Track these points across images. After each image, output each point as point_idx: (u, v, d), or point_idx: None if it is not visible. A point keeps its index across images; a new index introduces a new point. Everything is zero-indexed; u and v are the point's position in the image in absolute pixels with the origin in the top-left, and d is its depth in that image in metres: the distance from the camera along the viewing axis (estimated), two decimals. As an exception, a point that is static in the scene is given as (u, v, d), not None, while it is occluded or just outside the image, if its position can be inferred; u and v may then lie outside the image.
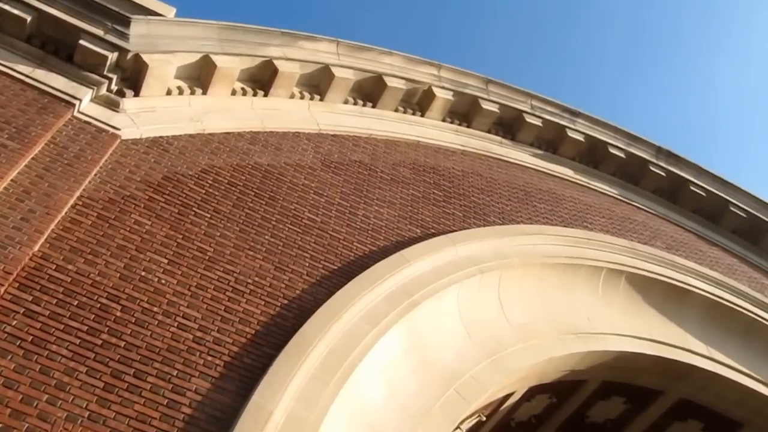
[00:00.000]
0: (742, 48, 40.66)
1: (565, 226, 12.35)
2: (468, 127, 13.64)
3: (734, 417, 12.53)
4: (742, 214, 15.96)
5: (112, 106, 9.19)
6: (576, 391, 11.81)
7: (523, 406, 11.44)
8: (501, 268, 10.34)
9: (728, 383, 12.00)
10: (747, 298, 13.45)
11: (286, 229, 9.14)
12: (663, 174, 15.52)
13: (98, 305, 7.07)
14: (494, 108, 13.69)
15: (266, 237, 8.85)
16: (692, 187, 15.75)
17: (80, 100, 8.84)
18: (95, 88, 9.06)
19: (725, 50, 40.39)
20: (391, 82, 12.30)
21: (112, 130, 8.87)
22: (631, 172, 15.40)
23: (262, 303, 8.02)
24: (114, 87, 9.37)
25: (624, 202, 14.83)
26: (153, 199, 8.46)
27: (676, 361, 11.52)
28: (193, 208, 8.66)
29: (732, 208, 15.94)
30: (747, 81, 41.36)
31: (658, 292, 12.40)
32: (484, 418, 10.47)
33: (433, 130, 13.06)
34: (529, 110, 14.19)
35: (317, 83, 11.60)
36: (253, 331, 7.68)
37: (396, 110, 12.68)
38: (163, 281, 7.63)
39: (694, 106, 42.36)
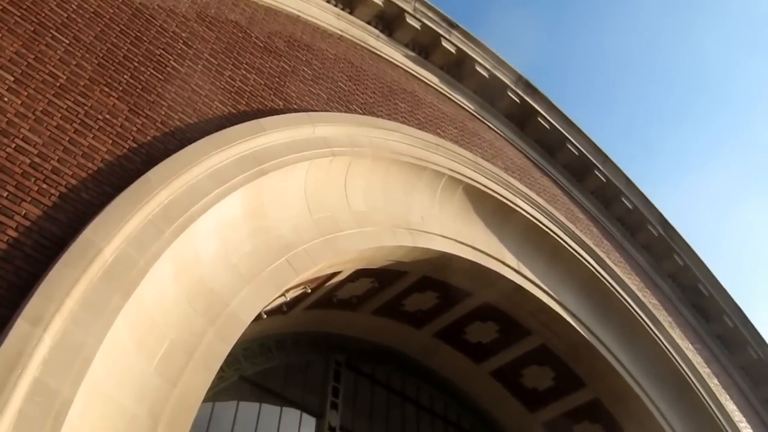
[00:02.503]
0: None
1: (420, 129, 12.54)
2: (350, 13, 13.33)
3: (526, 325, 13.59)
4: (575, 152, 16.94)
5: None
6: (397, 281, 12.33)
7: (347, 286, 11.83)
8: (352, 156, 10.40)
9: (528, 296, 12.94)
10: (561, 226, 14.45)
11: (148, 73, 8.62)
12: (517, 101, 16.06)
13: (-72, 109, 6.42)
14: (378, 1, 13.44)
15: (125, 77, 8.31)
16: (539, 119, 16.46)
17: None
18: None
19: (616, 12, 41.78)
20: (283, -51, 11.69)
21: (-30, -75, 7.82)
22: (490, 93, 15.79)
23: (110, 142, 7.61)
24: None
25: (478, 118, 15.26)
26: (7, 10, 7.64)
27: (489, 269, 12.24)
28: (51, 30, 7.93)
29: (568, 145, 16.86)
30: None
31: (488, 206, 13.02)
32: (309, 291, 10.75)
33: (315, 9, 12.63)
34: (411, 11, 14.05)
35: (206, -69, 10.77)
36: (96, 168, 7.30)
37: (282, -21, 12.11)
38: (5, 99, 7.00)
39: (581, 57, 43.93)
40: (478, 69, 15.28)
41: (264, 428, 10.87)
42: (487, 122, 15.44)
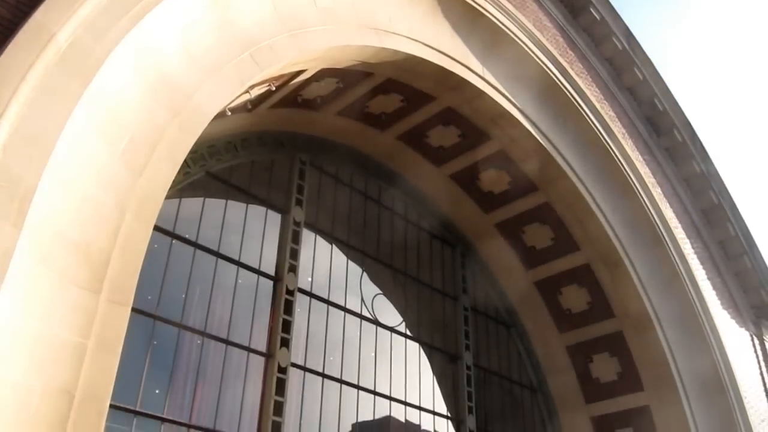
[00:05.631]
0: None
1: None
2: None
3: (485, 130, 13.58)
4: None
5: None
6: (362, 82, 11.99)
7: (312, 86, 11.48)
8: (319, -53, 9.61)
9: (490, 101, 12.80)
10: (527, 33, 13.90)
11: None
12: None
13: None
14: None
15: None
16: None
17: None
18: None
19: None
20: None
21: None
22: None
23: None
24: None
25: None
26: None
27: (453, 73, 11.95)
28: None
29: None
30: None
31: (457, 10, 12.42)
32: (274, 89, 10.41)
33: None
34: None
35: None
36: (42, -54, 6.58)
37: None
38: None
39: None
40: None
41: (230, 224, 11.01)
42: None
